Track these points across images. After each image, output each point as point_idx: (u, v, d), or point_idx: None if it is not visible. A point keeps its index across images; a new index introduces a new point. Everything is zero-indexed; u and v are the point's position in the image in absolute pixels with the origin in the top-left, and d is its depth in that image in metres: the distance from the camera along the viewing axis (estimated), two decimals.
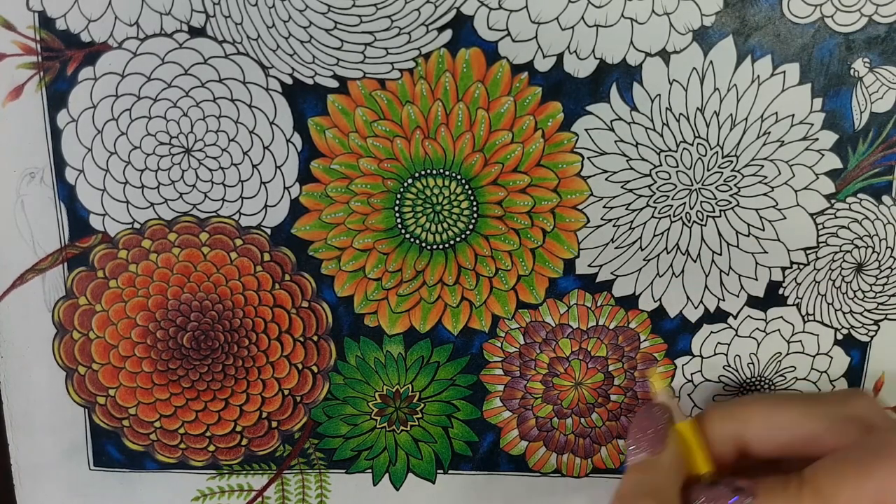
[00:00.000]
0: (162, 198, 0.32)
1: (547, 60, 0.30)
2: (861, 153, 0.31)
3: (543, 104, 0.31)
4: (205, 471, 0.36)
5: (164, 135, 0.31)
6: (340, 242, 0.33)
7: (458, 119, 0.31)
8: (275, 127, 0.31)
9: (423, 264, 0.33)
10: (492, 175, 0.32)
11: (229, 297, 0.33)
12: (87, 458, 0.36)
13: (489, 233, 0.32)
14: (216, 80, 0.31)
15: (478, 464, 0.35)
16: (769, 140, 0.31)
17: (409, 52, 0.30)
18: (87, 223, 0.32)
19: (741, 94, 0.30)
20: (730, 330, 0.33)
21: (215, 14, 0.30)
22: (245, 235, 0.33)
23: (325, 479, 0.36)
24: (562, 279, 0.33)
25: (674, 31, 0.29)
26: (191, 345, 0.34)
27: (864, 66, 0.30)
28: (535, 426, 0.35)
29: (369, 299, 0.33)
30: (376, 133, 0.31)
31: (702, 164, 0.31)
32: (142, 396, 0.35)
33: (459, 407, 0.35)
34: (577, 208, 0.32)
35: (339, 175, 0.32)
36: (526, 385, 0.34)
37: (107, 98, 0.31)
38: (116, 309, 0.33)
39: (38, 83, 0.31)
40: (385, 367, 0.34)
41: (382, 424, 0.35)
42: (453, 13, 0.30)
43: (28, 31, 0.30)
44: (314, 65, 0.30)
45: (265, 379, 0.34)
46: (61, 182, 0.32)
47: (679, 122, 0.31)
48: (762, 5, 0.29)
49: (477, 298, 0.33)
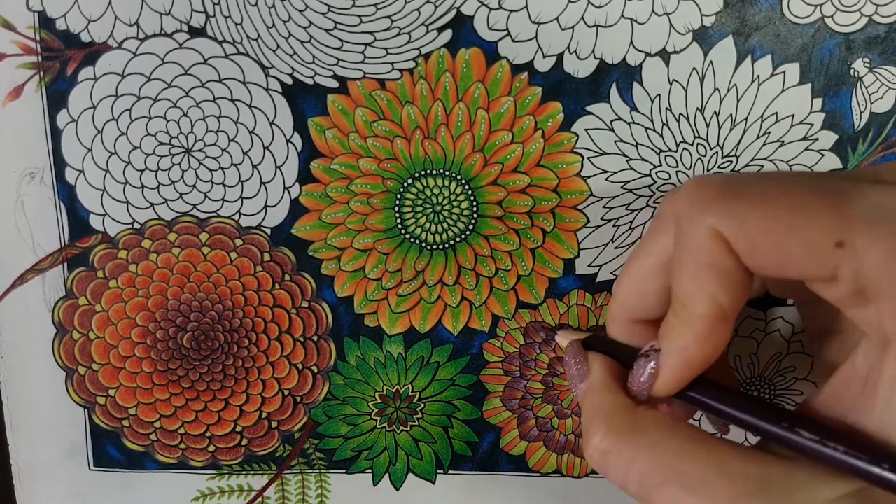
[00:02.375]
0: (162, 198, 0.32)
1: (547, 60, 0.30)
2: (861, 153, 0.31)
3: (543, 104, 0.31)
4: (205, 471, 0.36)
5: (164, 135, 0.31)
6: (340, 242, 0.33)
7: (458, 119, 0.31)
8: (275, 127, 0.31)
9: (423, 264, 0.33)
10: (492, 175, 0.32)
11: (229, 298, 0.33)
12: (87, 459, 0.36)
13: (489, 233, 0.32)
14: (216, 80, 0.31)
15: (478, 464, 0.35)
16: (769, 140, 0.31)
17: (409, 52, 0.30)
18: (87, 223, 0.32)
19: (741, 95, 0.30)
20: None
21: (215, 14, 0.30)
22: (245, 235, 0.33)
23: (325, 480, 0.36)
24: (562, 279, 0.33)
25: (674, 31, 0.29)
26: (191, 345, 0.34)
27: (864, 66, 0.30)
28: (535, 426, 0.35)
29: (369, 299, 0.33)
30: (376, 133, 0.31)
31: (702, 164, 0.31)
32: (142, 396, 0.35)
33: (459, 407, 0.35)
34: (576, 208, 0.32)
35: (339, 175, 0.32)
36: (526, 385, 0.34)
37: (107, 98, 0.31)
38: (116, 309, 0.33)
39: (38, 83, 0.31)
40: (385, 367, 0.34)
41: (382, 424, 0.35)
42: (453, 13, 0.30)
43: (28, 31, 0.30)
44: (314, 65, 0.30)
45: (265, 379, 0.34)
46: (61, 182, 0.32)
47: (679, 122, 0.31)
48: (762, 5, 0.29)
49: (477, 298, 0.33)
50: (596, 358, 0.28)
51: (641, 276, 0.26)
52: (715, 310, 0.23)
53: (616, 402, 0.25)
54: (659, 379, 0.25)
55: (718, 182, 0.23)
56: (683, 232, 0.23)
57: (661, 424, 0.24)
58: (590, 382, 0.27)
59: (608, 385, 0.26)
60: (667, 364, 0.25)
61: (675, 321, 0.24)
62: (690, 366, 0.24)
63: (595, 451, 0.24)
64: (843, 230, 0.21)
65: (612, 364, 0.27)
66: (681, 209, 0.24)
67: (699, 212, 0.23)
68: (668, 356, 0.25)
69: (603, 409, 0.25)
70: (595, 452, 0.24)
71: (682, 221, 0.23)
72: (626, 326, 0.28)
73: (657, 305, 0.27)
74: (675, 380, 0.25)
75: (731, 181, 0.23)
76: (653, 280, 0.26)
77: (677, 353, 0.24)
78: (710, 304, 0.23)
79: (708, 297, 0.23)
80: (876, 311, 0.21)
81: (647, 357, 0.25)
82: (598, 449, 0.24)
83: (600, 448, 0.24)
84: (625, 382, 0.26)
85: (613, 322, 0.28)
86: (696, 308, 0.23)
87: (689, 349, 0.24)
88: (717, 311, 0.23)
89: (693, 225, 0.23)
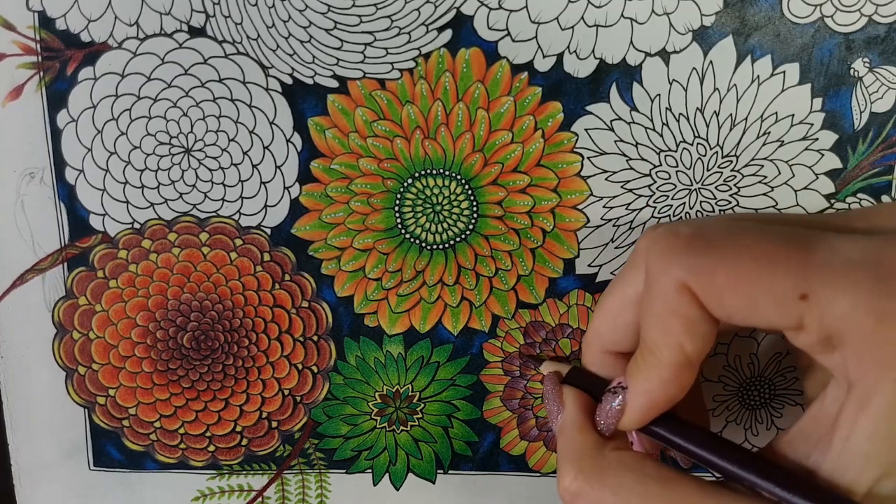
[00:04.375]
0: (162, 198, 0.32)
1: (547, 60, 0.30)
2: (861, 153, 0.31)
3: (543, 104, 0.31)
4: (205, 471, 0.36)
5: (164, 135, 0.31)
6: (340, 242, 0.33)
7: (458, 119, 0.31)
8: (275, 127, 0.31)
9: (423, 264, 0.33)
10: (492, 175, 0.32)
11: (229, 297, 0.33)
12: (87, 458, 0.36)
13: (489, 233, 0.32)
14: (216, 80, 0.31)
15: (478, 464, 0.35)
16: (769, 140, 0.31)
17: (409, 52, 0.30)
18: (87, 223, 0.32)
19: (741, 94, 0.30)
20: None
21: (215, 14, 0.30)
22: (245, 235, 0.33)
23: (325, 480, 0.36)
24: (562, 279, 0.33)
25: (674, 31, 0.29)
26: (191, 345, 0.34)
27: (864, 66, 0.30)
28: (535, 426, 0.35)
29: (369, 299, 0.33)
30: (376, 133, 0.31)
31: (702, 164, 0.31)
32: (142, 396, 0.35)
33: (459, 407, 0.35)
34: (576, 208, 0.32)
35: (339, 175, 0.32)
36: (526, 385, 0.34)
37: (107, 98, 0.31)
38: (116, 309, 0.33)
39: (38, 83, 0.31)
40: (385, 367, 0.34)
41: (382, 424, 0.35)
42: (453, 13, 0.30)
43: (28, 31, 0.30)
44: (314, 65, 0.30)
45: (265, 379, 0.34)
46: (61, 182, 0.32)
47: (679, 122, 0.31)
48: (762, 5, 0.29)
49: (477, 298, 0.33)
50: (570, 394, 0.28)
51: (615, 309, 0.27)
52: (681, 357, 0.24)
53: (585, 441, 0.26)
54: (624, 416, 0.26)
55: (687, 232, 0.24)
56: (652, 280, 0.24)
57: (627, 465, 0.25)
58: (563, 419, 0.28)
59: (579, 423, 0.27)
60: (632, 403, 0.26)
61: (642, 363, 0.25)
62: (655, 406, 0.25)
63: (565, 492, 0.25)
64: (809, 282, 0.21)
65: (585, 399, 0.28)
66: (651, 257, 0.24)
67: (667, 263, 0.23)
68: (633, 395, 0.26)
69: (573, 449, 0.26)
70: (565, 494, 0.25)
71: (651, 270, 0.24)
72: (598, 356, 0.29)
73: (628, 338, 0.27)
74: (639, 417, 0.26)
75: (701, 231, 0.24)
76: (625, 313, 0.27)
77: (642, 394, 0.25)
78: (676, 352, 0.24)
79: (674, 345, 0.24)
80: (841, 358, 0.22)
81: (614, 393, 0.26)
82: (568, 490, 0.25)
83: (570, 490, 0.25)
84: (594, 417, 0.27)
85: (587, 350, 0.29)
86: (662, 354, 0.24)
87: (654, 391, 0.25)
88: (682, 357, 0.24)
89: (661, 275, 0.23)
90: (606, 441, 0.26)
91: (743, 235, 0.23)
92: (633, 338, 0.27)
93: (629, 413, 0.26)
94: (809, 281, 0.21)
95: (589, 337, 0.29)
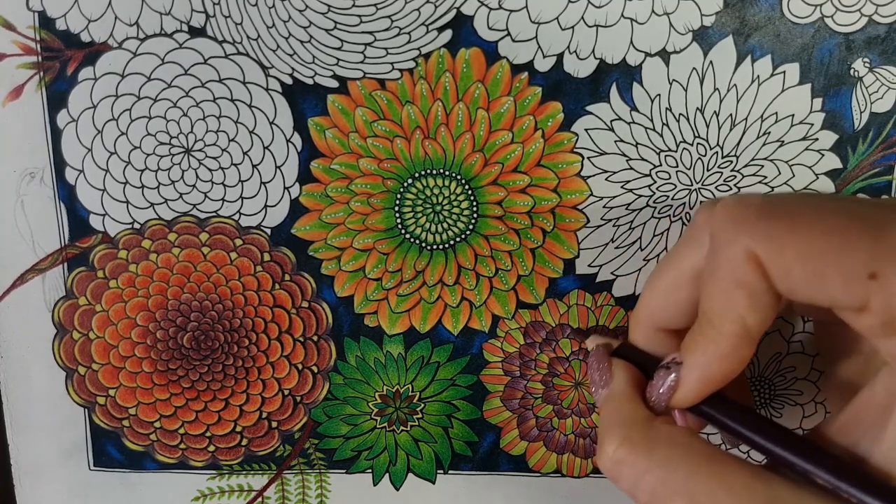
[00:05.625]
0: (162, 198, 0.32)
1: (547, 60, 0.30)
2: (861, 153, 0.31)
3: (543, 104, 0.31)
4: (205, 471, 0.36)
5: (164, 135, 0.31)
6: (340, 242, 0.33)
7: (458, 119, 0.31)
8: (275, 127, 0.31)
9: (423, 264, 0.33)
10: (492, 175, 0.32)
11: (229, 298, 0.33)
12: (87, 458, 0.36)
13: (489, 233, 0.32)
14: (216, 80, 0.31)
15: (478, 464, 0.35)
16: (769, 140, 0.31)
17: (409, 52, 0.30)
18: (87, 223, 0.33)
19: (741, 94, 0.30)
20: None
21: (215, 14, 0.30)
22: (245, 235, 0.33)
23: (325, 480, 0.36)
24: (562, 279, 0.33)
25: (674, 31, 0.29)
26: (191, 345, 0.34)
27: (864, 66, 0.30)
28: (535, 426, 0.35)
29: (369, 299, 0.33)
30: (376, 133, 0.31)
31: (702, 164, 0.31)
32: (142, 396, 0.35)
33: (459, 407, 0.35)
34: (576, 208, 0.32)
35: (339, 175, 0.32)
36: (526, 385, 0.34)
37: (107, 98, 0.31)
38: (116, 309, 0.33)
39: (38, 83, 0.31)
40: (385, 367, 0.34)
41: (382, 424, 0.35)
42: (453, 13, 0.30)
43: (28, 31, 0.30)
44: (314, 65, 0.30)
45: (265, 379, 0.34)
46: (61, 182, 0.32)
47: (679, 122, 0.31)
48: (762, 5, 0.29)
49: (477, 298, 0.33)
50: (619, 366, 0.28)
51: (669, 286, 0.26)
52: (741, 330, 0.23)
53: (634, 412, 0.26)
54: (677, 392, 0.25)
55: (758, 202, 0.23)
56: (718, 249, 0.23)
57: (676, 440, 0.24)
58: (611, 390, 0.27)
59: (628, 395, 0.26)
60: (687, 378, 0.25)
61: (700, 337, 0.24)
62: (710, 382, 0.25)
63: (608, 459, 0.25)
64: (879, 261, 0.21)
65: (635, 373, 0.27)
66: (718, 226, 0.23)
67: (736, 231, 0.23)
68: (689, 371, 0.25)
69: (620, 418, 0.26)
70: (608, 461, 0.25)
71: (718, 238, 0.23)
72: (648, 333, 0.28)
73: (682, 316, 0.26)
74: (694, 394, 0.25)
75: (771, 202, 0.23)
76: (680, 291, 0.26)
77: (699, 368, 0.24)
78: (737, 324, 0.23)
79: (736, 317, 0.23)
80: None
81: (667, 369, 0.25)
82: (612, 458, 0.25)
83: (614, 457, 0.25)
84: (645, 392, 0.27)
85: (636, 328, 0.28)
86: (723, 326, 0.23)
87: (710, 366, 0.24)
88: (743, 331, 0.23)
89: (729, 244, 0.23)
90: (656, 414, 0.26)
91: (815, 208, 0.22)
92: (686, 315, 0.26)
93: (683, 388, 0.25)
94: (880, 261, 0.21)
95: (639, 313, 0.28)
